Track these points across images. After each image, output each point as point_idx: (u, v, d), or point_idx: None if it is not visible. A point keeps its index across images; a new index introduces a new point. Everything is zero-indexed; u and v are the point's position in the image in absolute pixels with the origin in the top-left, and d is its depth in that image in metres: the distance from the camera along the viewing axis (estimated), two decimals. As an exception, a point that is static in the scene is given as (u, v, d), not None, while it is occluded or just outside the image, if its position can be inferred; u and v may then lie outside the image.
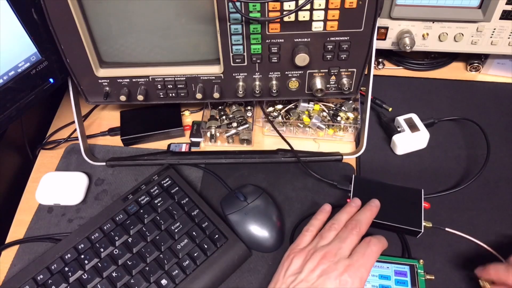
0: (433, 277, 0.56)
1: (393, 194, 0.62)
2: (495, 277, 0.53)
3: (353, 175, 0.64)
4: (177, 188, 0.64)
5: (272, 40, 0.60)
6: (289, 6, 0.55)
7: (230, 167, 0.70)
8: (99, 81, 0.65)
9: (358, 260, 0.51)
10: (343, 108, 0.74)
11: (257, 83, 0.65)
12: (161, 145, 0.74)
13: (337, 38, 0.60)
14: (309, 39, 0.60)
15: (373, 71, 0.66)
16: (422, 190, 0.62)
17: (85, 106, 0.77)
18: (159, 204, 0.63)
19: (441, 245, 0.61)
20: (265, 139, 0.75)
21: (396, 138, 0.70)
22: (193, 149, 0.74)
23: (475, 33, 0.70)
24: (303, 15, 0.57)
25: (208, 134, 0.72)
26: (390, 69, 0.84)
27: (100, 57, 0.64)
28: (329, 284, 0.49)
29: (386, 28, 0.73)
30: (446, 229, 0.61)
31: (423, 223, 0.59)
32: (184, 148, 0.74)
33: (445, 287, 0.57)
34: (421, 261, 0.57)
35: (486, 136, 0.70)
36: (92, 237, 0.60)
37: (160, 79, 0.65)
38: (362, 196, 0.61)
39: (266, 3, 0.55)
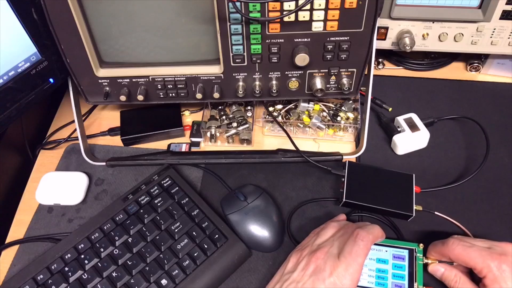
0: (437, 262, 0.56)
1: (385, 179, 0.63)
2: (437, 253, 0.56)
3: (347, 161, 0.65)
4: (177, 188, 0.64)
5: (272, 40, 0.60)
6: (289, 6, 0.55)
7: (230, 167, 0.70)
8: (99, 81, 0.65)
9: (346, 259, 0.50)
10: (343, 108, 0.74)
11: (257, 83, 0.65)
12: (161, 145, 0.74)
13: (337, 38, 0.60)
14: (309, 39, 0.60)
15: (373, 71, 0.66)
16: (413, 175, 0.63)
17: (85, 106, 0.77)
18: (159, 204, 0.63)
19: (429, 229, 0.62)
20: (265, 139, 0.75)
21: (396, 138, 0.70)
22: (193, 149, 0.74)
23: (475, 33, 0.70)
24: (303, 15, 0.57)
25: (208, 134, 0.72)
26: (390, 69, 0.84)
27: (100, 57, 0.64)
28: (318, 283, 0.49)
29: (386, 28, 0.73)
30: (436, 213, 0.63)
31: (414, 207, 0.61)
32: (184, 148, 0.74)
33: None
34: (421, 245, 0.58)
35: (486, 134, 0.70)
36: (92, 237, 0.60)
37: (160, 79, 0.65)
38: (356, 181, 0.63)
39: (266, 3, 0.55)
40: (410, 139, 0.69)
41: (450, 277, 0.54)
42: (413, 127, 0.70)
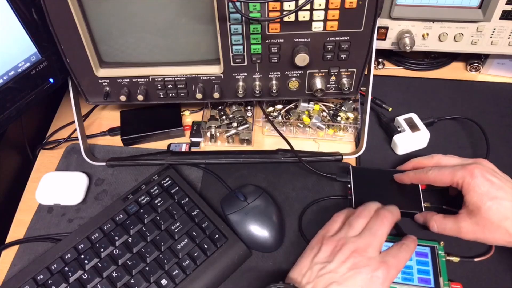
0: (458, 259, 0.57)
1: (390, 180, 0.63)
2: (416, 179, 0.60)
3: (350, 166, 0.65)
4: (177, 188, 0.64)
5: (272, 40, 0.60)
6: (289, 6, 0.55)
7: (230, 167, 0.70)
8: (99, 81, 0.65)
9: (391, 260, 0.50)
10: (343, 108, 0.74)
11: (257, 83, 0.65)
12: (161, 145, 0.74)
13: (337, 38, 0.60)
14: (309, 39, 0.60)
15: (373, 71, 0.66)
16: None
17: (85, 106, 0.77)
18: (159, 204, 0.63)
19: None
20: (265, 139, 0.75)
21: (397, 138, 0.70)
22: (193, 149, 0.74)
23: (475, 33, 0.70)
24: (303, 15, 0.57)
25: (208, 134, 0.72)
26: (390, 69, 0.84)
27: (100, 57, 0.64)
28: (359, 278, 0.49)
29: (386, 28, 0.73)
30: (444, 207, 0.62)
31: (423, 205, 0.61)
32: (184, 148, 0.74)
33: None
34: (442, 242, 0.58)
35: (485, 135, 0.70)
36: (92, 237, 0.60)
37: (160, 79, 0.65)
38: (362, 185, 0.63)
39: (266, 3, 0.55)
40: (410, 139, 0.69)
41: (430, 219, 0.58)
42: (413, 127, 0.70)
